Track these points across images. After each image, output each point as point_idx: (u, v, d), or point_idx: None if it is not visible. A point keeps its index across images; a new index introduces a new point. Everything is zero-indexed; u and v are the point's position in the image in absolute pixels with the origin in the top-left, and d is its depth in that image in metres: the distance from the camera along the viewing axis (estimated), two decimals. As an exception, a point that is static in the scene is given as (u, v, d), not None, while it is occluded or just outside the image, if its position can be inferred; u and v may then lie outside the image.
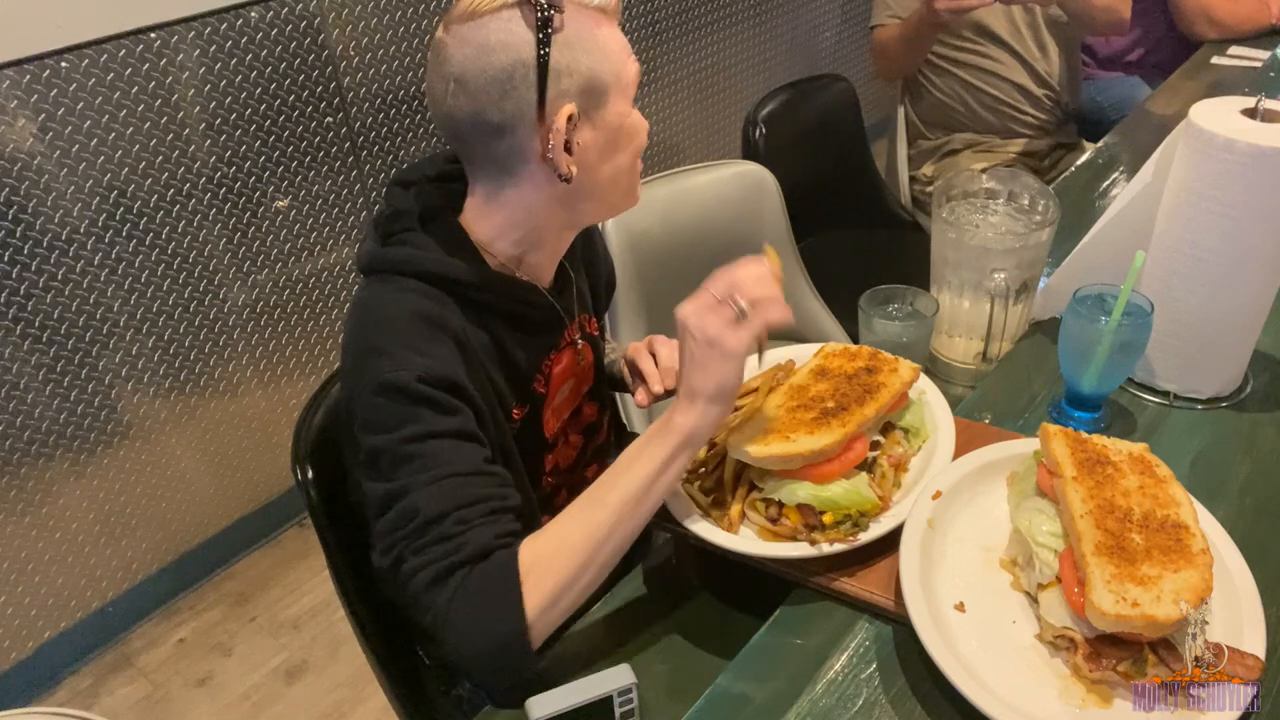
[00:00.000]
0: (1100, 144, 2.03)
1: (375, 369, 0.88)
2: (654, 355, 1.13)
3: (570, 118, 0.89)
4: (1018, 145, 2.25)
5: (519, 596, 0.83)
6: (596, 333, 1.17)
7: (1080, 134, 2.41)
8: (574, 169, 0.92)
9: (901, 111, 2.37)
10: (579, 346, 1.10)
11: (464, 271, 0.95)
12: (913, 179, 2.37)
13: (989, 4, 1.91)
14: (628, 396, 1.34)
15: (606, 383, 1.22)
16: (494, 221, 0.97)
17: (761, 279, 0.87)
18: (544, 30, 0.86)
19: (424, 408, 0.88)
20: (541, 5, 0.86)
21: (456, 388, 0.90)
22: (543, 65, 0.87)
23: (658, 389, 1.09)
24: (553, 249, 1.02)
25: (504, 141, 0.91)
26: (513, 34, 0.86)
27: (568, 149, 0.91)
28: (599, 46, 0.90)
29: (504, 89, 0.87)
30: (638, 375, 1.14)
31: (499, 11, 0.86)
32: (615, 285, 1.29)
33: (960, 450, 1.01)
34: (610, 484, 0.88)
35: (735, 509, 0.96)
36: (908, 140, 2.38)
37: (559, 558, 0.85)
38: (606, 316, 1.25)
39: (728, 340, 0.84)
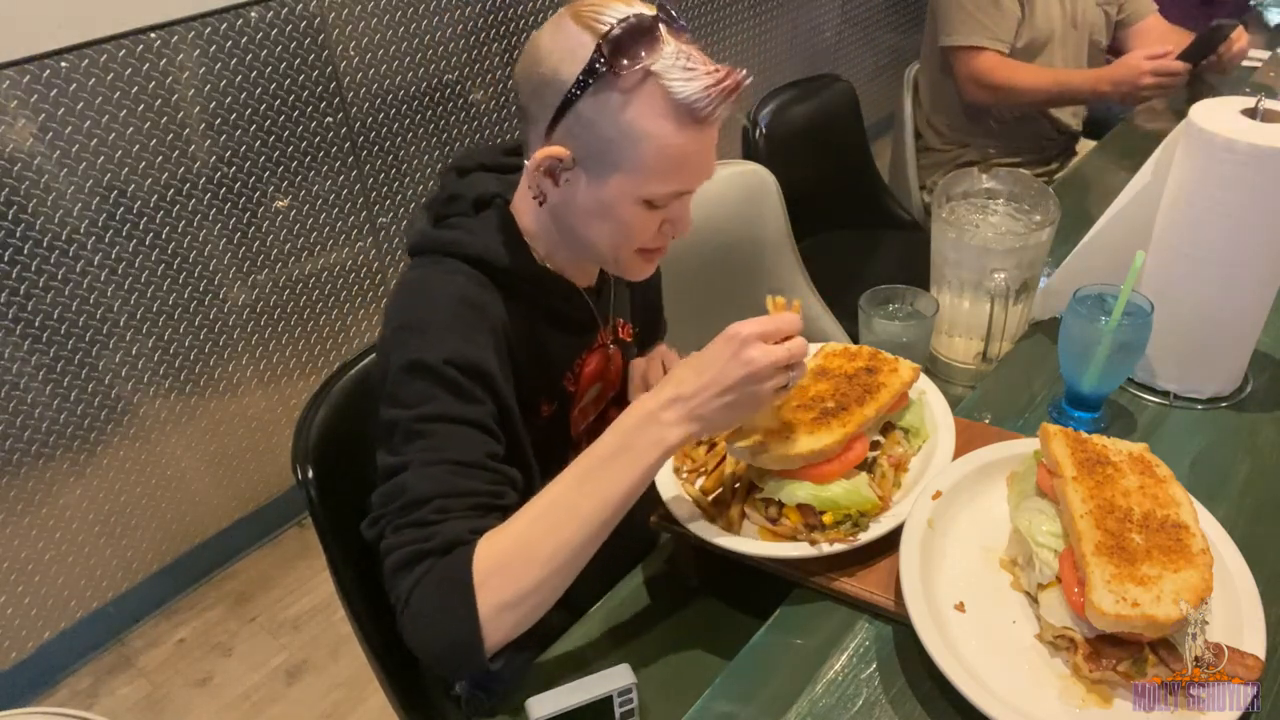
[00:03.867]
0: (1100, 144, 2.03)
1: (409, 346, 0.89)
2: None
3: (562, 159, 0.90)
4: (1030, 169, 2.25)
5: (472, 600, 0.81)
6: (629, 338, 1.17)
7: (1080, 134, 2.41)
8: (547, 195, 0.93)
9: (909, 116, 2.35)
10: (610, 351, 1.11)
11: (510, 261, 0.96)
12: (923, 187, 2.35)
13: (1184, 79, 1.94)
14: None
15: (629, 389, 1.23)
16: (530, 218, 0.99)
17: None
18: (588, 76, 0.85)
19: (445, 390, 0.88)
20: (600, 55, 0.85)
21: (485, 376, 0.91)
22: (567, 101, 0.87)
23: None
24: (573, 259, 1.02)
25: (527, 128, 0.93)
26: (571, 56, 0.86)
27: (554, 176, 0.91)
28: (636, 130, 0.86)
29: (537, 88, 0.89)
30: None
31: (582, 30, 0.86)
32: (660, 305, 1.28)
33: (960, 450, 1.01)
34: (591, 488, 0.84)
35: (735, 509, 0.96)
36: (917, 149, 2.35)
37: (523, 565, 0.82)
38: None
39: (760, 404, 0.85)
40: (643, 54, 0.85)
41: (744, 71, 0.87)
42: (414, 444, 0.87)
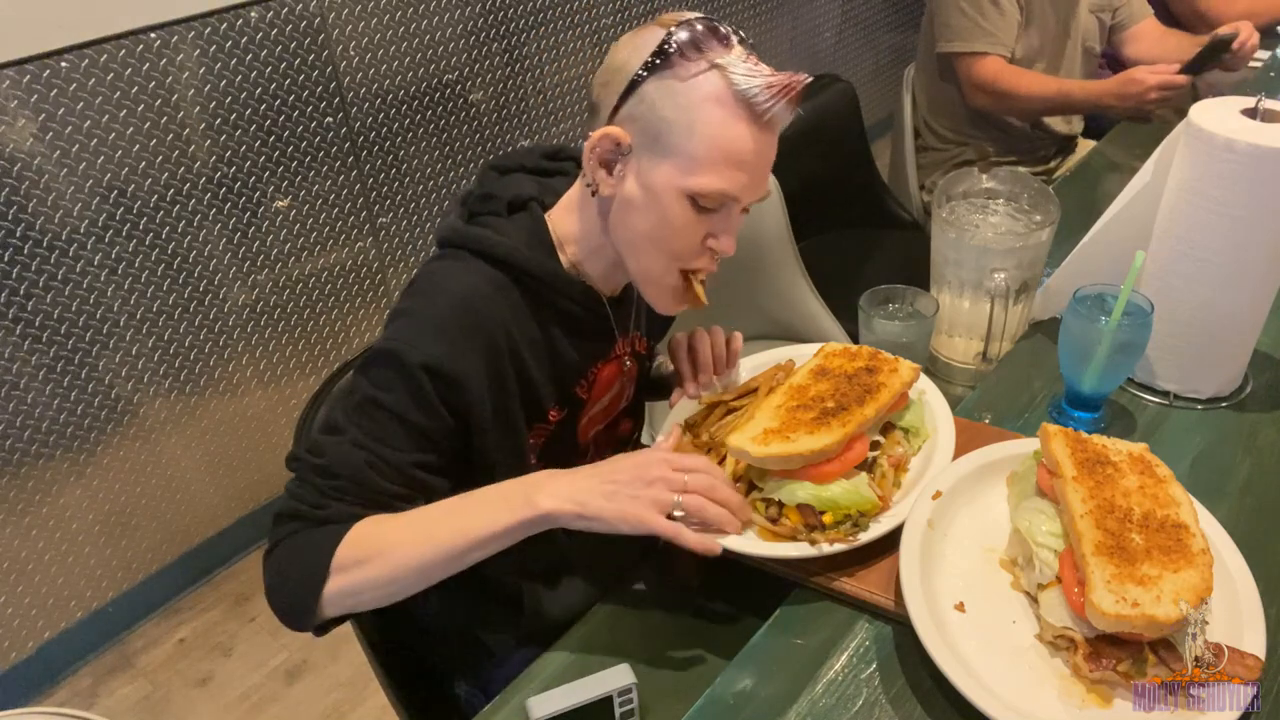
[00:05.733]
0: (1100, 144, 2.03)
1: (398, 333, 0.92)
2: (693, 351, 1.12)
3: (620, 143, 0.90)
4: (1029, 167, 2.25)
5: (322, 580, 0.87)
6: (644, 351, 1.17)
7: (1081, 134, 2.42)
8: (601, 187, 0.93)
9: (908, 116, 2.35)
10: (626, 365, 1.11)
11: (534, 264, 0.97)
12: (922, 187, 2.35)
13: (1185, 87, 1.93)
14: (650, 406, 1.34)
15: (643, 401, 1.23)
16: (573, 220, 0.99)
17: (724, 515, 0.89)
18: (655, 57, 0.88)
19: (407, 390, 0.90)
20: (669, 40, 0.87)
21: (456, 388, 0.92)
22: (633, 83, 0.89)
23: (691, 391, 1.09)
24: (607, 265, 1.01)
25: (592, 122, 0.94)
26: (643, 47, 0.89)
27: (608, 166, 0.92)
28: (693, 114, 0.88)
29: (608, 78, 0.91)
30: (675, 375, 1.13)
31: (660, 28, 0.89)
32: (674, 316, 1.28)
33: (960, 450, 1.01)
34: (453, 516, 0.89)
35: None
36: (916, 149, 2.35)
37: (379, 564, 0.88)
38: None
39: (643, 511, 0.86)
40: (711, 48, 0.88)
41: (806, 75, 0.89)
42: (357, 418, 0.91)
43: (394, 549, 0.88)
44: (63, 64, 1.67)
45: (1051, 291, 1.29)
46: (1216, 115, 1.05)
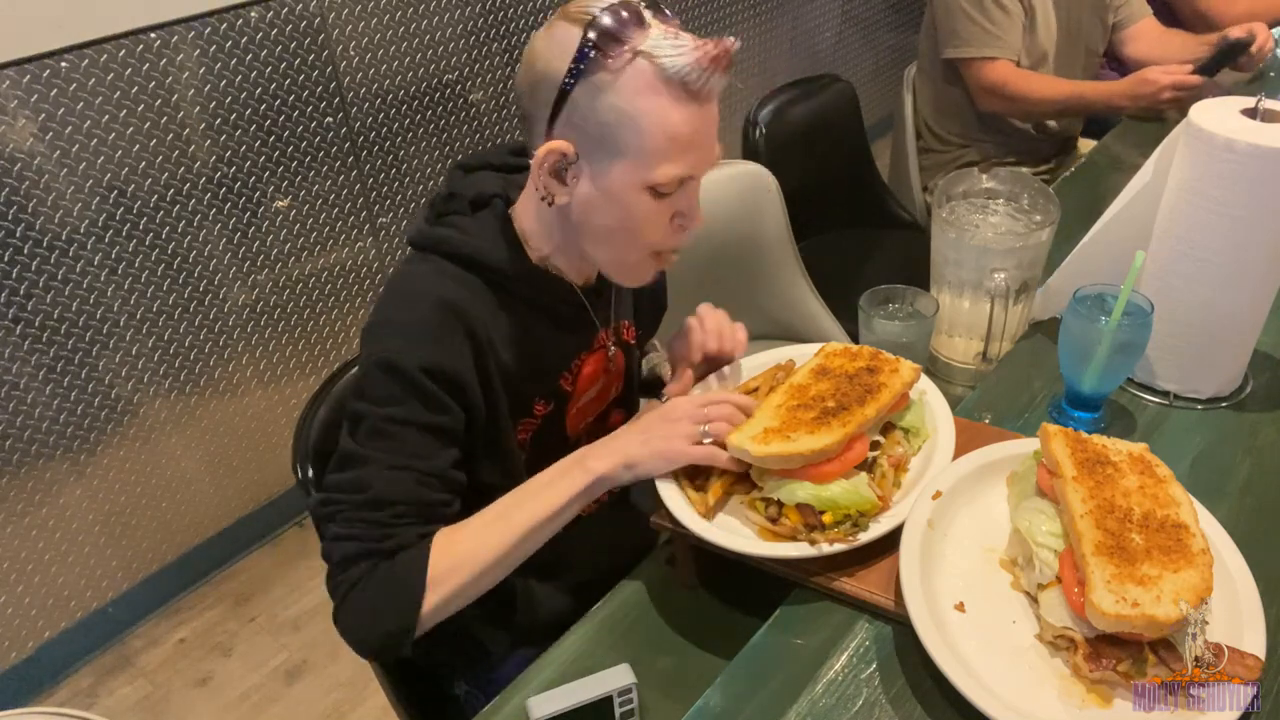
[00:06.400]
0: (1100, 144, 2.03)
1: (385, 344, 0.92)
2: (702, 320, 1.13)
3: (565, 154, 0.90)
4: (1029, 167, 2.25)
5: (419, 598, 0.89)
6: (633, 340, 1.17)
7: (1081, 134, 2.41)
8: (557, 197, 0.93)
9: (909, 116, 2.34)
10: (611, 353, 1.10)
11: (500, 260, 0.97)
12: (925, 189, 2.35)
13: (1200, 85, 1.91)
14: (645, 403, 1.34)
15: (636, 391, 1.23)
16: (533, 215, 0.99)
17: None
18: (577, 63, 0.86)
19: (416, 396, 0.90)
20: (587, 41, 0.85)
21: (456, 385, 0.92)
22: (562, 92, 0.87)
23: (684, 381, 1.09)
24: (577, 258, 1.01)
25: (530, 133, 0.94)
26: (562, 50, 0.87)
27: (560, 176, 0.92)
28: (632, 110, 0.86)
29: (533, 89, 0.90)
30: (672, 361, 1.14)
31: (572, 25, 0.87)
32: (665, 306, 1.28)
33: (960, 450, 1.01)
34: (521, 504, 0.93)
35: (713, 493, 0.96)
36: (919, 150, 2.35)
37: (468, 567, 0.90)
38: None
39: (676, 444, 0.92)
40: (630, 35, 0.86)
41: (733, 39, 0.86)
42: (379, 442, 0.91)
43: (480, 550, 0.91)
44: (63, 64, 1.67)
45: (1051, 291, 1.29)
46: (1216, 115, 1.05)
